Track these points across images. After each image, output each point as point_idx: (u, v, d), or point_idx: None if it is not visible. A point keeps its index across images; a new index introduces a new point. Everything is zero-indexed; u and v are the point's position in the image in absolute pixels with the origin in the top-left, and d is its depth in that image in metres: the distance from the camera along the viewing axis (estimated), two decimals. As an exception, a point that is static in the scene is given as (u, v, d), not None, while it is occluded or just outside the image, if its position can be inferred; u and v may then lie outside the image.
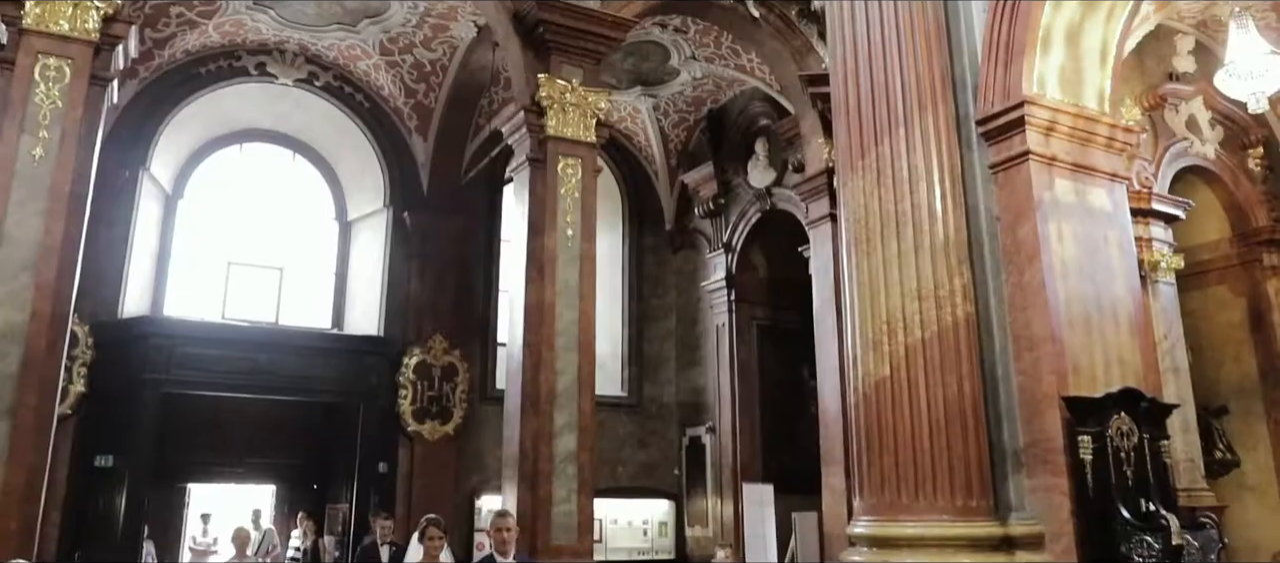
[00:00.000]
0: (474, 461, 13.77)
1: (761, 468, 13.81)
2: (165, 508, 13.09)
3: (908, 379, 9.20)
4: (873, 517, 9.16)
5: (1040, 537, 9.01)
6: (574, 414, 10.07)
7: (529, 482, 9.72)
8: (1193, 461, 11.19)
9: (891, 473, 9.06)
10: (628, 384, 15.37)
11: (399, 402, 13.27)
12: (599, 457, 12.20)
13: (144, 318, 12.34)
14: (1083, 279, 9.92)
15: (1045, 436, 9.25)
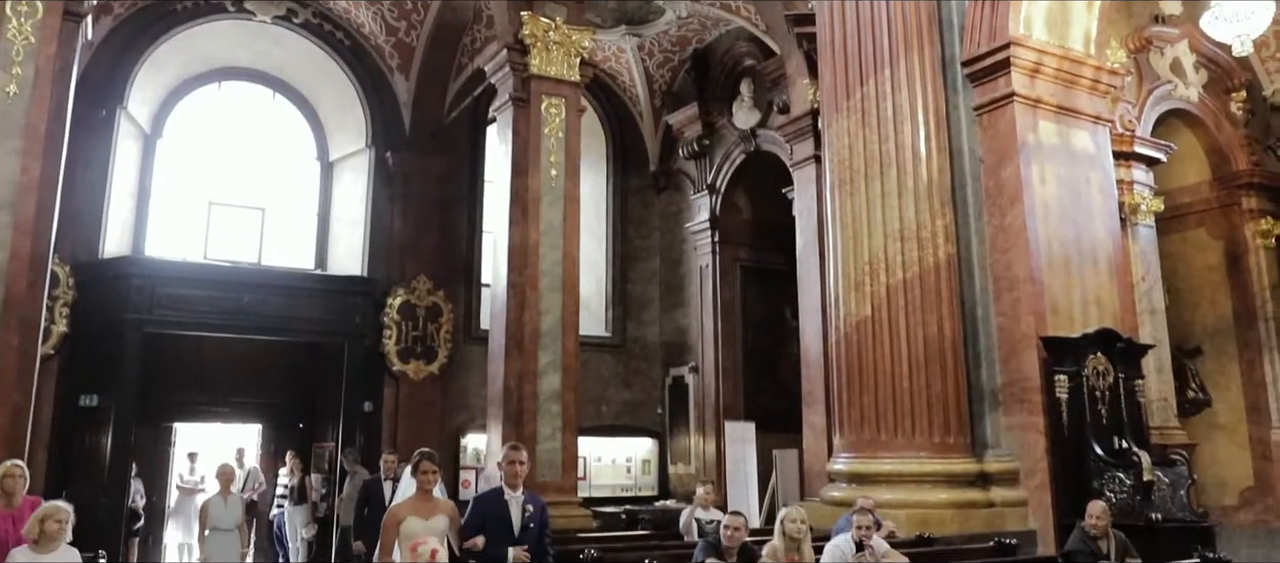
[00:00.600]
0: (459, 400, 13.87)
1: (743, 407, 13.99)
2: (151, 447, 13.15)
3: (889, 319, 9.33)
4: (852, 454, 9.35)
5: (1015, 473, 9.24)
6: (558, 354, 10.16)
7: (514, 420, 9.84)
8: (1166, 400, 11.42)
9: (871, 411, 9.23)
10: (612, 325, 15.46)
11: (383, 342, 13.31)
12: (583, 396, 12.32)
13: (125, 258, 12.27)
14: (1063, 221, 10.02)
15: (1022, 375, 9.43)
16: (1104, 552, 6.89)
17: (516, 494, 5.28)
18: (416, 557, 4.84)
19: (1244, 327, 12.69)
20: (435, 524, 5.08)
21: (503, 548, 5.11)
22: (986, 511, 8.86)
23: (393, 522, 5.10)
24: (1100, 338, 9.77)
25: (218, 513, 8.21)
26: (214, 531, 8.13)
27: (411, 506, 5.15)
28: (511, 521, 5.24)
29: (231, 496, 8.48)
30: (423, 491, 5.20)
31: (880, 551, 6.52)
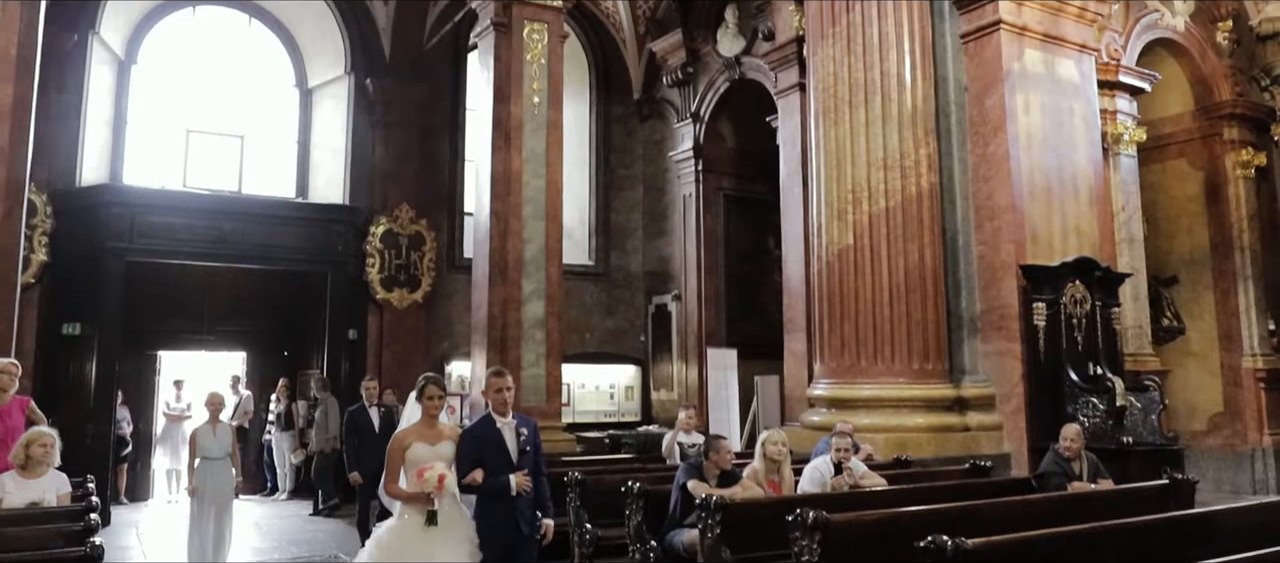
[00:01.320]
0: (443, 327, 13.93)
1: (725, 334, 14.11)
2: (137, 375, 13.17)
3: (870, 248, 9.41)
4: (832, 379, 9.49)
5: (991, 398, 9.43)
6: (541, 282, 10.19)
7: (498, 347, 9.90)
8: (1141, 327, 11.59)
9: (851, 338, 9.35)
10: (595, 253, 15.49)
11: (367, 270, 13.30)
12: (567, 324, 12.40)
13: (103, 186, 12.14)
14: (1046, 150, 10.07)
15: (1001, 303, 9.58)
16: (1076, 473, 7.06)
17: (507, 420, 5.08)
18: (423, 482, 4.71)
19: (1220, 257, 12.84)
20: (442, 450, 4.93)
21: (503, 477, 4.91)
22: (962, 434, 9.05)
23: (399, 448, 4.94)
24: (1079, 266, 9.90)
25: (207, 442, 8.03)
26: (204, 460, 7.98)
27: (417, 431, 5.00)
28: (508, 448, 5.02)
29: (221, 424, 8.28)
30: (428, 416, 5.03)
31: (858, 472, 6.67)
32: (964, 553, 4.04)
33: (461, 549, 4.80)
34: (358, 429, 8.78)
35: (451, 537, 4.78)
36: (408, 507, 4.82)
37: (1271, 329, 12.71)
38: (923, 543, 4.15)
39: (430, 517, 4.72)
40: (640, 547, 6.28)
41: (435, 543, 4.71)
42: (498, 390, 5.10)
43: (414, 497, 4.77)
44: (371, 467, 8.31)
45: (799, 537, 4.87)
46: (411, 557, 4.68)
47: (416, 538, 4.71)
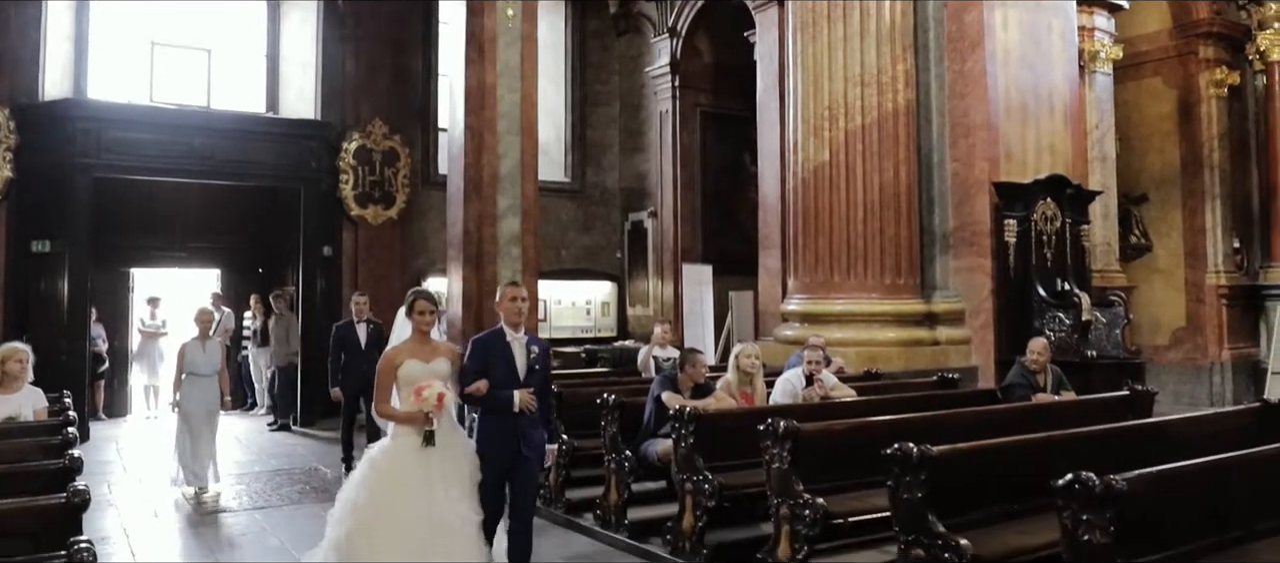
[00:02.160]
0: (418, 244, 13.89)
1: (701, 251, 14.19)
2: (109, 293, 13.07)
3: (846, 164, 9.46)
4: (806, 295, 9.63)
5: (961, 313, 9.60)
6: (517, 198, 10.14)
7: (474, 263, 9.89)
8: (1109, 244, 11.78)
9: (825, 254, 9.46)
10: (571, 170, 15.41)
11: (340, 186, 13.17)
12: (543, 240, 12.39)
13: (67, 101, 11.86)
14: (1023, 67, 10.07)
15: (974, 219, 9.69)
16: (1040, 386, 7.25)
17: (519, 335, 4.81)
18: (422, 402, 4.48)
19: (1190, 175, 13.00)
20: (437, 367, 4.66)
21: (507, 392, 4.69)
22: (932, 348, 9.24)
23: (390, 366, 4.67)
24: (1051, 184, 10.00)
25: (196, 358, 7.84)
26: (191, 376, 7.80)
27: (409, 348, 4.72)
28: (516, 363, 4.77)
29: (210, 341, 8.07)
30: (420, 332, 4.75)
31: (829, 383, 6.82)
32: (928, 459, 4.18)
33: (460, 469, 4.61)
34: (343, 345, 8.61)
35: (449, 457, 4.59)
36: (402, 427, 4.60)
37: (1236, 247, 12.96)
38: (889, 450, 4.29)
39: (427, 437, 4.50)
40: (615, 457, 6.43)
41: (432, 464, 4.52)
42: (513, 301, 4.84)
43: (410, 417, 4.55)
44: (354, 384, 8.32)
45: (770, 445, 5.02)
46: (408, 479, 4.48)
47: (413, 459, 4.50)
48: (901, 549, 4.25)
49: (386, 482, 4.49)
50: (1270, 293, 12.71)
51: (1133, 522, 3.54)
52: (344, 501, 4.55)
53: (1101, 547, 3.48)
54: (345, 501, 4.55)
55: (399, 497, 4.42)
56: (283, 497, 7.86)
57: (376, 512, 4.40)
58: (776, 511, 4.99)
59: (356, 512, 4.44)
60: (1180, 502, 3.95)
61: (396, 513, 4.39)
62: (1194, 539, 3.93)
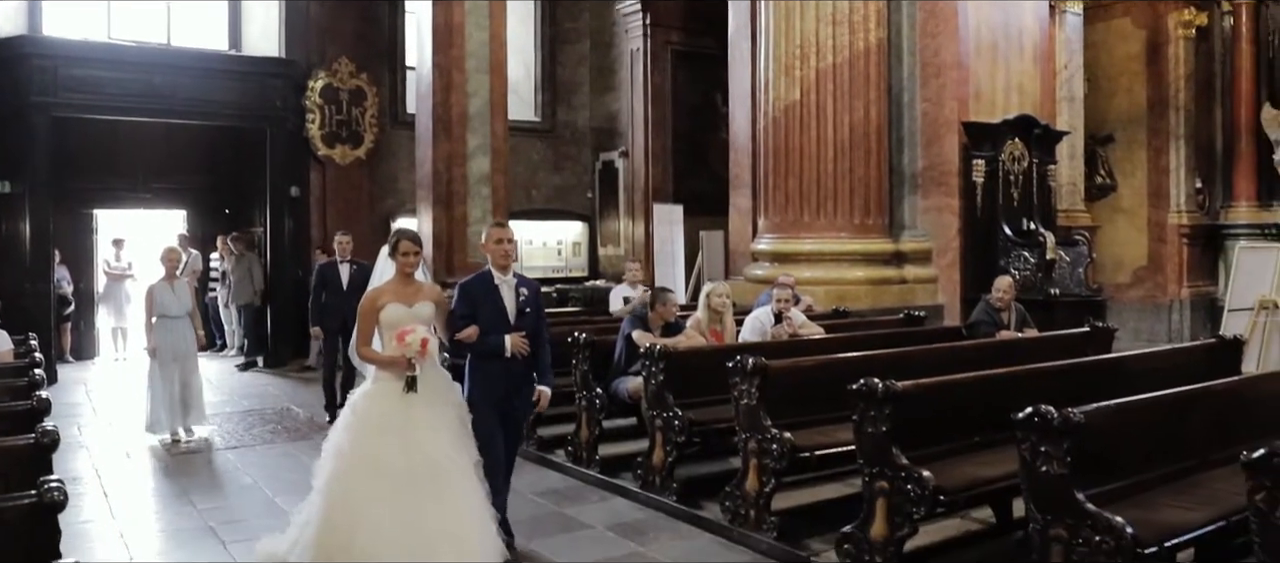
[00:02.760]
0: (387, 184, 13.77)
1: (672, 191, 14.19)
2: (72, 234, 12.86)
3: (817, 104, 9.46)
4: (776, 234, 9.68)
5: (928, 252, 9.71)
6: (486, 137, 10.09)
7: (444, 203, 9.86)
8: (1075, 184, 11.91)
9: (795, 194, 9.50)
10: (541, 109, 15.28)
11: (307, 126, 12.98)
12: (513, 181, 12.35)
13: (22, 38, 11.54)
14: (994, 6, 10.07)
15: (943, 159, 9.75)
16: (1004, 323, 7.37)
17: (507, 277, 4.67)
18: (404, 346, 4.30)
19: (1156, 116, 13.11)
20: (420, 311, 4.48)
21: (497, 337, 4.56)
22: (899, 287, 9.35)
23: (371, 308, 4.49)
24: (1019, 124, 10.08)
25: (165, 299, 7.59)
26: (162, 318, 7.57)
27: (392, 290, 4.53)
28: (505, 307, 4.63)
29: (179, 281, 7.80)
30: (403, 273, 4.55)
31: (797, 321, 6.90)
32: (893, 394, 4.27)
33: (446, 415, 4.44)
34: (325, 285, 8.46)
35: (434, 403, 4.42)
36: (384, 372, 4.43)
37: (1198, 187, 13.14)
38: (855, 386, 4.38)
39: (409, 383, 4.32)
40: (586, 394, 6.49)
41: (417, 409, 4.34)
42: (499, 243, 4.67)
43: (391, 361, 4.38)
44: (335, 324, 8.20)
45: (738, 382, 5.09)
46: (392, 427, 4.31)
47: (396, 405, 4.33)
48: (866, 482, 4.36)
49: (369, 427, 4.34)
50: (1230, 232, 12.93)
51: (1090, 453, 3.65)
52: (328, 446, 4.44)
53: (1058, 477, 3.59)
54: (329, 446, 4.43)
55: (382, 441, 4.27)
56: (255, 437, 7.88)
57: (359, 456, 4.27)
58: (745, 445, 5.08)
59: (339, 456, 4.32)
60: (1136, 434, 4.07)
61: (379, 457, 4.23)
62: (1149, 469, 4.06)
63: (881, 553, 4.27)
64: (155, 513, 5.80)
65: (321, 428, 8.10)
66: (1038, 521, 3.67)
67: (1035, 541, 3.68)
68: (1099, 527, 3.47)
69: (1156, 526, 3.60)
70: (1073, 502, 3.55)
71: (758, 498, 4.99)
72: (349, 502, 4.18)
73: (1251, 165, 13.07)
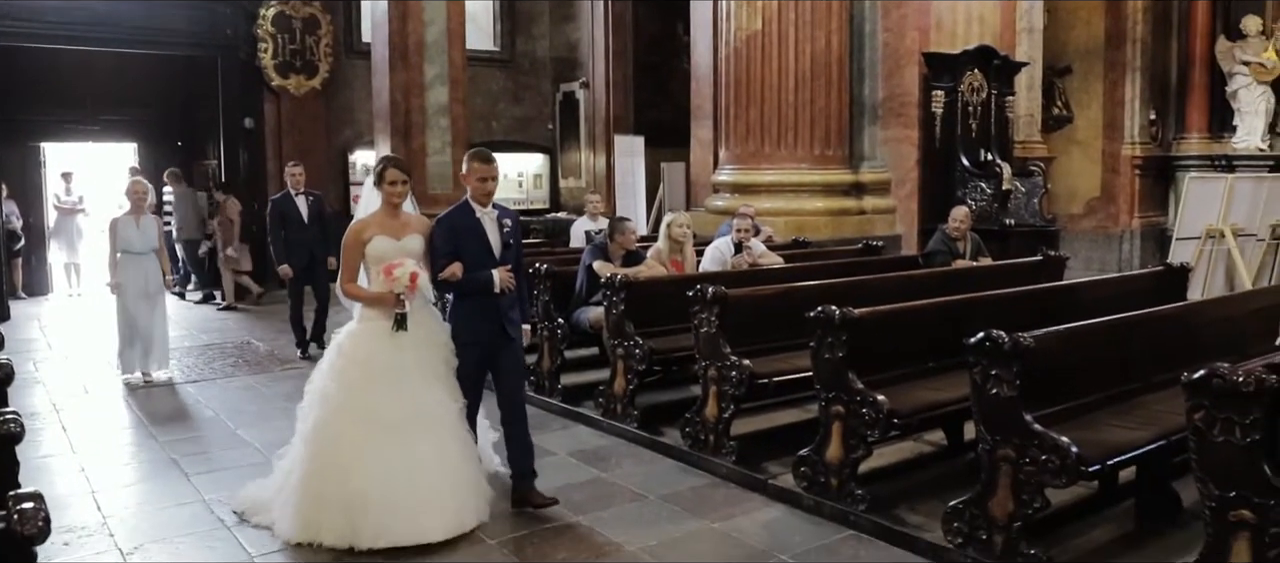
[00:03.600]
0: (344, 115, 13.54)
1: (633, 122, 14.10)
2: (19, 168, 12.54)
3: (778, 34, 9.41)
4: (736, 165, 9.70)
5: (887, 183, 9.80)
6: (444, 66, 9.93)
7: (402, 134, 9.74)
8: (1032, 116, 12.02)
9: (756, 125, 9.50)
10: (500, 39, 15.04)
11: (259, 55, 12.67)
12: (472, 112, 12.19)
13: (-44, -40, 11.13)
14: (954, -66, 10.03)
15: (903, 90, 9.79)
16: (960, 252, 7.50)
17: (488, 210, 4.41)
18: (392, 282, 4.07)
19: (1113, 48, 13.21)
20: (409, 244, 4.25)
21: (485, 272, 4.33)
22: (858, 217, 9.45)
23: (356, 241, 4.22)
24: (979, 55, 10.12)
25: (129, 234, 7.22)
26: (126, 255, 7.22)
27: (378, 222, 4.26)
28: (490, 242, 4.39)
29: (145, 216, 7.38)
30: (390, 204, 4.28)
31: (757, 251, 6.96)
32: (850, 321, 4.35)
33: (436, 356, 4.27)
34: (283, 220, 8.05)
35: (424, 343, 4.22)
36: (370, 310, 4.21)
37: (1152, 119, 13.32)
38: (812, 313, 4.45)
39: (399, 321, 4.10)
40: (548, 325, 6.53)
41: (405, 350, 4.15)
42: (483, 180, 4.39)
43: (379, 298, 4.15)
44: (301, 259, 7.98)
45: (698, 310, 5.14)
46: (379, 367, 4.11)
47: (384, 345, 4.13)
48: (822, 406, 4.46)
49: (356, 369, 4.11)
50: (1181, 164, 13.16)
51: (1038, 376, 3.75)
52: (312, 390, 4.21)
53: (1007, 399, 3.70)
54: (313, 390, 4.21)
55: (370, 384, 4.07)
56: (215, 370, 7.84)
57: (347, 400, 4.06)
58: (704, 373, 5.15)
59: (326, 401, 4.10)
60: (1083, 357, 4.19)
61: (368, 401, 4.05)
62: (1094, 391, 4.19)
63: (836, 475, 4.39)
64: (116, 447, 5.78)
65: (283, 362, 8.12)
66: (987, 441, 3.78)
67: (984, 460, 3.80)
68: (1045, 446, 3.58)
69: (1100, 445, 3.73)
70: (1021, 423, 3.66)
71: (717, 424, 5.08)
72: (339, 448, 4.00)
73: (1204, 97, 13.27)
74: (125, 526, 4.36)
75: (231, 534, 4.25)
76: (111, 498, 4.76)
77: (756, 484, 4.78)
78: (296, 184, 8.15)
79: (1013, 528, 3.68)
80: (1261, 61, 12.58)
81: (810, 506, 4.47)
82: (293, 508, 4.02)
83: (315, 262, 8.08)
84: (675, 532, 4.26)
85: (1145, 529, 4.17)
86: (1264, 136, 12.65)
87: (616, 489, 4.77)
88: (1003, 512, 3.72)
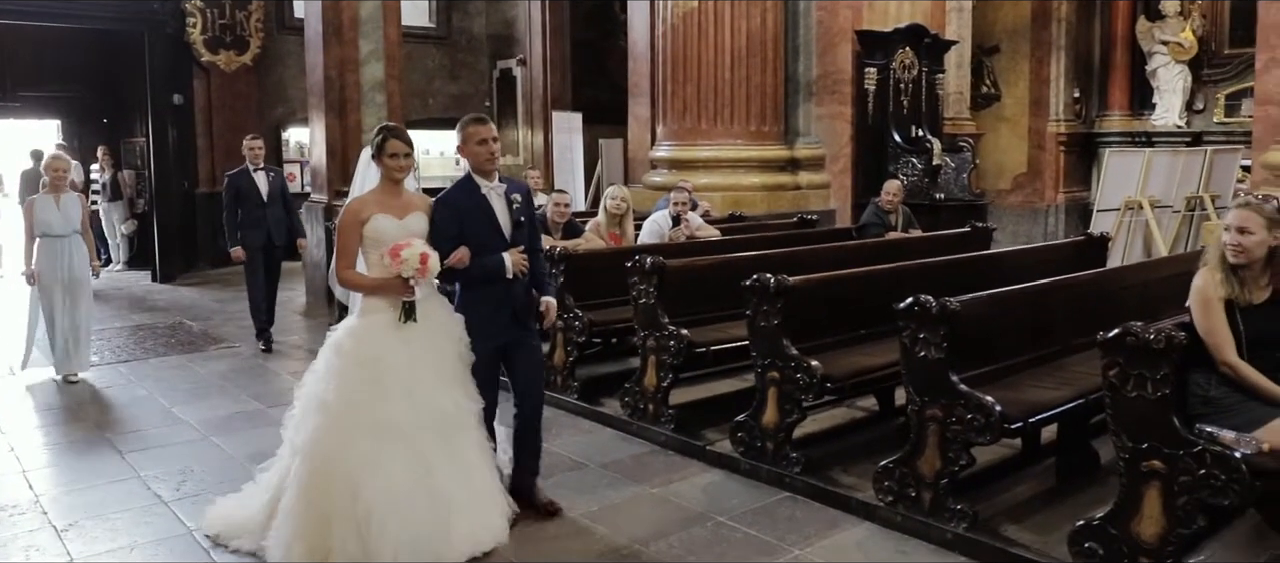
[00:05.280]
0: (276, 92, 13.28)
1: (571, 99, 14.08)
2: (-69, 144, 12.15)
3: (714, 12, 9.49)
4: (674, 142, 9.77)
5: (821, 159, 9.97)
6: (380, 42, 9.77)
7: (337, 111, 9.57)
8: (962, 93, 12.32)
9: (693, 102, 9.58)
10: (436, 15, 14.86)
11: (188, 30, 12.35)
12: (408, 89, 12.05)
13: None
14: (885, -86, 10.19)
15: (836, 68, 9.94)
16: (892, 225, 7.69)
17: (494, 185, 3.90)
18: (401, 265, 3.54)
19: (1039, 27, 13.58)
20: (412, 225, 3.75)
21: (496, 257, 3.83)
22: (793, 193, 9.60)
23: (354, 222, 3.71)
24: (910, 33, 10.33)
25: (48, 216, 6.43)
26: (45, 238, 6.44)
27: (378, 200, 3.75)
28: (499, 220, 3.88)
29: (67, 195, 6.60)
30: (391, 181, 3.78)
31: (694, 224, 7.06)
32: (784, 289, 4.46)
33: (448, 349, 3.76)
34: (238, 196, 7.44)
35: (435, 335, 3.74)
36: (373, 300, 3.71)
37: (1076, 97, 13.74)
38: (748, 282, 4.55)
39: (407, 310, 3.64)
40: (488, 300, 6.53)
41: (415, 343, 3.66)
42: (482, 143, 3.86)
43: (384, 285, 3.65)
44: (260, 240, 7.44)
45: (637, 281, 5.22)
46: (386, 366, 3.59)
47: (391, 341, 3.64)
48: (758, 372, 4.57)
49: (360, 370, 3.59)
50: (1104, 140, 13.61)
51: (964, 339, 3.90)
52: (305, 397, 3.67)
53: (935, 361, 3.84)
54: (307, 397, 3.66)
55: (377, 387, 3.56)
56: (146, 350, 7.69)
57: (351, 406, 3.53)
58: (644, 343, 5.23)
59: (325, 408, 3.55)
60: (1006, 321, 4.36)
61: (375, 406, 3.54)
62: (1018, 354, 4.36)
63: (772, 438, 4.51)
64: (46, 426, 5.66)
65: (217, 341, 7.99)
66: (916, 401, 3.92)
67: (913, 420, 3.94)
68: (971, 405, 3.74)
69: (1022, 403, 3.90)
70: (948, 383, 3.81)
71: (656, 393, 5.17)
72: (345, 462, 3.46)
73: (1126, 76, 13.74)
74: (58, 504, 4.31)
75: (169, 509, 4.22)
76: (42, 477, 4.68)
77: (695, 451, 4.89)
78: (256, 159, 7.56)
79: (940, 485, 3.84)
80: (1179, 41, 13.04)
81: (747, 470, 4.59)
82: (292, 530, 3.46)
83: (272, 242, 7.55)
84: (615, 497, 4.34)
85: (1065, 486, 4.36)
86: (1181, 114, 13.15)
87: (557, 459, 4.82)
88: (931, 469, 3.87)
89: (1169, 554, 3.20)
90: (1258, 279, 3.41)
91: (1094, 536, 3.37)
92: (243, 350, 7.64)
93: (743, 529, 3.97)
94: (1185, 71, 13.10)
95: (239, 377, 6.78)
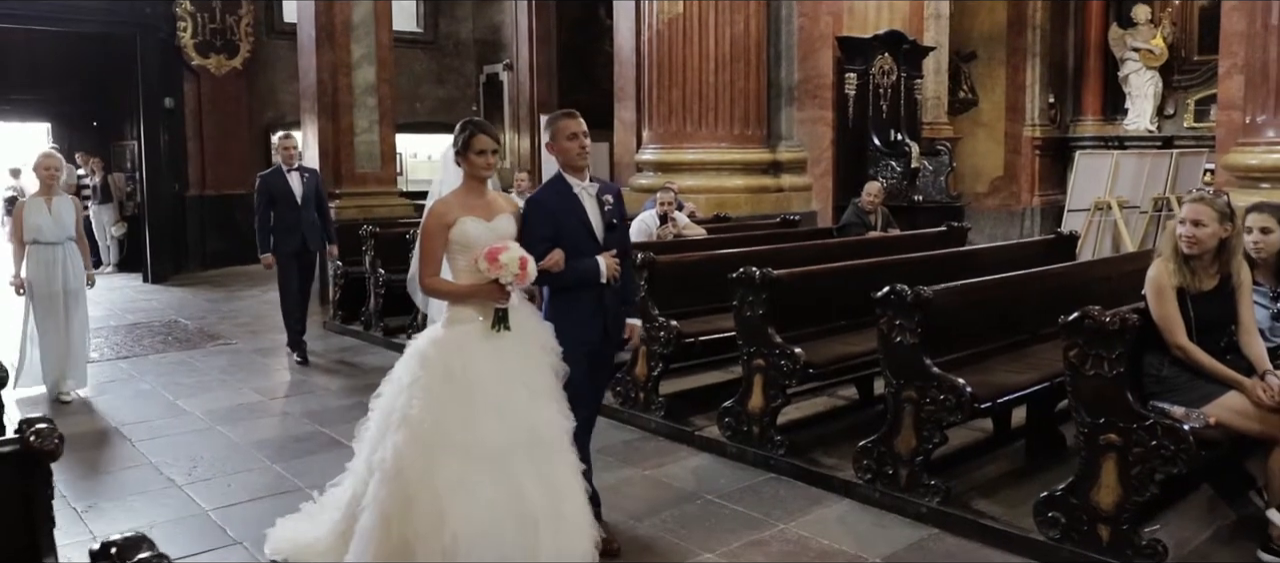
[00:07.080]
0: (266, 96, 13.45)
1: (557, 104, 14.28)
2: (-79, 147, 12.24)
3: (699, 18, 9.74)
4: (659, 145, 10.02)
5: (804, 162, 10.24)
6: (372, 46, 10.00)
7: (329, 113, 9.79)
8: (940, 98, 12.62)
9: (678, 106, 9.83)
10: (423, 20, 15.08)
11: (179, 34, 12.51)
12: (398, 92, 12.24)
13: None
14: (865, -77, 10.49)
15: (818, 73, 10.22)
16: (872, 225, 7.96)
17: (586, 184, 3.66)
18: (498, 269, 3.21)
19: (1015, 34, 13.91)
20: (501, 227, 3.43)
21: (590, 260, 3.58)
22: (776, 195, 9.86)
23: (440, 225, 3.38)
24: (889, 39, 10.63)
25: (39, 220, 6.00)
26: (36, 244, 6.00)
27: (462, 202, 3.43)
28: (591, 221, 3.64)
29: (59, 198, 6.14)
30: (476, 180, 3.49)
31: (681, 222, 7.30)
32: (770, 280, 4.70)
33: (541, 360, 3.40)
34: (271, 198, 6.97)
35: (527, 345, 3.39)
36: (461, 309, 3.36)
37: (1051, 102, 14.09)
38: (735, 274, 4.80)
39: (500, 318, 3.32)
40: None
41: (506, 355, 3.32)
42: (572, 137, 3.62)
43: (478, 291, 3.31)
44: (294, 245, 7.03)
45: (628, 276, 5.44)
46: (476, 380, 3.23)
47: (482, 352, 3.29)
48: (744, 360, 4.82)
49: (448, 385, 3.23)
50: (1077, 144, 13.93)
51: (938, 327, 4.16)
52: (384, 410, 3.33)
53: (910, 346, 4.10)
54: (386, 410, 3.32)
55: (468, 403, 3.22)
56: (145, 346, 7.86)
57: (438, 423, 3.18)
58: (635, 335, 5.46)
59: (408, 424, 3.18)
60: (978, 310, 4.62)
61: (464, 425, 3.19)
62: (988, 341, 4.63)
63: (758, 423, 4.75)
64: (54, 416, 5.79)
65: (213, 338, 8.16)
66: (892, 385, 4.18)
67: (890, 403, 4.20)
68: (944, 387, 3.99)
69: (992, 386, 4.16)
70: (922, 367, 4.06)
71: (647, 382, 5.40)
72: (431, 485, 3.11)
73: (1099, 82, 14.10)
74: (75, 487, 4.48)
75: (183, 492, 4.41)
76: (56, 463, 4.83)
77: (684, 436, 5.12)
78: (289, 158, 7.10)
79: (916, 462, 4.09)
80: (1150, 48, 13.41)
81: (734, 453, 4.83)
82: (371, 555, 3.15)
83: (307, 248, 7.14)
84: (609, 479, 4.55)
85: (1033, 465, 4.63)
86: (1153, 119, 13.51)
87: (553, 444, 5.03)
88: (907, 448, 4.12)
89: (1125, 520, 3.46)
90: (1207, 268, 3.69)
91: (1056, 505, 3.62)
92: (239, 347, 7.82)
93: (731, 506, 4.21)
94: (1156, 77, 13.47)
95: (238, 371, 6.96)
